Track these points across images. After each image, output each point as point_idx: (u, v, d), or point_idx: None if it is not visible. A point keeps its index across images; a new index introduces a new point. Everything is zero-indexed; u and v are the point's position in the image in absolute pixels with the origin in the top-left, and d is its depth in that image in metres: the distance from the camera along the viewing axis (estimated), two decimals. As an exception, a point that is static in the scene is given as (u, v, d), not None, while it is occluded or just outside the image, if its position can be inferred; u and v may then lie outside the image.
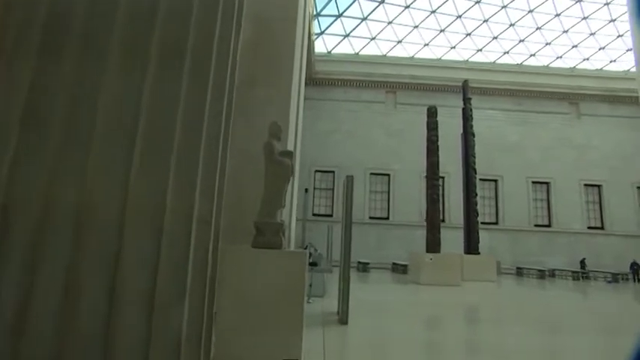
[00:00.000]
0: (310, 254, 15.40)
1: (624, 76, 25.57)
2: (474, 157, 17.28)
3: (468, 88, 18.08)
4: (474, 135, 17.55)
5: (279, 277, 3.36)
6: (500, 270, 18.83)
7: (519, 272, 20.44)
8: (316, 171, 24.14)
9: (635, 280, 20.37)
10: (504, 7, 23.38)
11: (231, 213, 5.59)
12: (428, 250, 14.11)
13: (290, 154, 3.83)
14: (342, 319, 6.02)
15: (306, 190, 20.79)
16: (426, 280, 13.09)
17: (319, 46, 24.90)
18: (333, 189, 23.89)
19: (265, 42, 5.77)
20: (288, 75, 5.80)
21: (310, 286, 8.33)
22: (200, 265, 1.63)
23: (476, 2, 23.24)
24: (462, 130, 18.47)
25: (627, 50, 25.32)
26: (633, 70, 25.66)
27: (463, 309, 9.15)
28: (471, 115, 17.75)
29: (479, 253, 16.48)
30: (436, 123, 15.10)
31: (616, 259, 22.54)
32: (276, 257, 3.43)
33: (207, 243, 1.67)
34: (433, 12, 23.81)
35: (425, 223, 22.22)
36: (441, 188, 17.86)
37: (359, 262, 19.15)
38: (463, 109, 18.00)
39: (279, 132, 3.88)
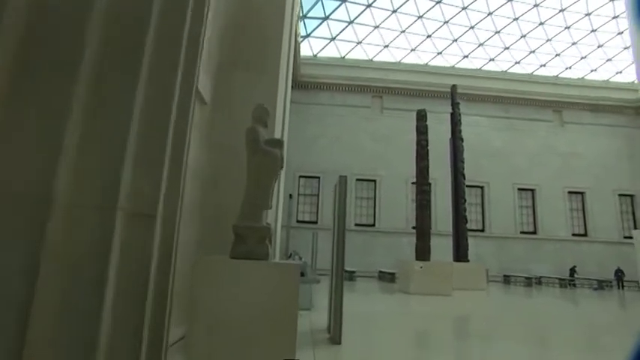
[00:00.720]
0: (295, 263, 14.70)
1: (605, 85, 26.02)
2: (463, 162, 16.93)
3: (456, 93, 17.80)
4: (462, 140, 17.22)
5: (266, 295, 2.65)
6: (488, 278, 18.47)
7: (506, 280, 20.16)
8: (301, 176, 23.45)
9: (619, 287, 20.37)
10: (490, 14, 23.43)
11: (210, 218, 4.86)
12: (417, 258, 13.54)
13: (279, 143, 3.14)
14: (335, 337, 5.31)
15: (291, 195, 20.05)
16: (416, 289, 12.49)
17: (305, 50, 24.39)
18: (318, 195, 23.21)
19: (251, 22, 5.08)
20: (276, 57, 5.12)
21: (296, 298, 7.60)
22: (129, 273, 0.95)
23: (463, 9, 23.20)
24: (448, 136, 18.16)
25: (607, 60, 25.81)
26: (613, 79, 26.19)
27: (462, 322, 8.56)
28: (460, 120, 17.45)
29: (468, 261, 16.03)
30: (426, 127, 14.67)
31: (600, 266, 22.60)
32: (262, 271, 2.72)
33: (146, 244, 0.98)
34: (420, 17, 23.67)
35: (412, 230, 21.90)
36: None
37: (345, 271, 18.43)
38: (452, 113, 17.69)
39: (265, 116, 3.19)
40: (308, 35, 24.32)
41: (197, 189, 4.45)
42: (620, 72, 26.18)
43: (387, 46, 24.93)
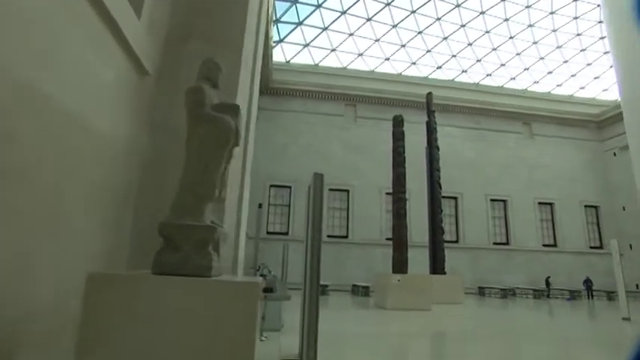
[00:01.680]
0: (264, 276, 13.51)
1: (569, 100, 26.81)
2: (439, 171, 16.52)
3: (432, 101, 17.50)
4: (438, 149, 16.85)
5: (207, 330, 1.69)
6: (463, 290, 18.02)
7: (481, 292, 19.79)
8: (271, 186, 22.40)
9: (588, 297, 20.48)
10: (463, 26, 23.65)
11: (148, 215, 3.81)
12: (394, 271, 12.78)
13: (233, 109, 2.21)
14: (308, 368, 4.34)
15: (260, 205, 18.93)
16: (393, 304, 11.70)
17: (278, 55, 23.64)
18: (289, 205, 22.21)
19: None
20: (239, 28, 4.21)
21: (263, 318, 6.59)
22: None
23: (436, 19, 23.29)
24: (423, 146, 17.80)
25: (571, 76, 26.65)
26: (577, 95, 27.04)
27: (449, 342, 7.78)
28: (435, 128, 17.11)
29: (445, 273, 15.47)
30: (402, 133, 14.12)
31: (569, 276, 22.79)
32: (202, 293, 1.75)
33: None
34: (394, 26, 23.54)
35: (386, 242, 21.28)
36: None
37: (317, 285, 17.45)
38: (427, 122, 17.34)
39: (215, 72, 2.28)
40: (281, 40, 23.62)
41: (131, 175, 3.43)
42: (583, 87, 27.10)
43: (361, 55, 24.61)
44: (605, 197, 25.23)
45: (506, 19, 23.51)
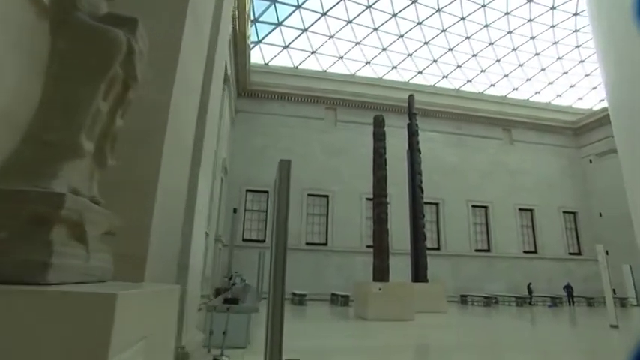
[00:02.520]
0: (234, 285, 12.54)
1: (547, 107, 27.06)
2: (421, 175, 16.01)
3: (414, 103, 17.06)
4: (420, 152, 16.36)
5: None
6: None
7: (463, 300, 19.29)
8: (248, 190, 21.44)
9: (569, 303, 20.27)
10: (444, 31, 23.54)
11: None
12: (375, 279, 12.06)
13: (130, 24, 1.41)
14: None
15: (235, 210, 17.96)
16: (374, 314, 10.94)
17: (256, 57, 22.91)
18: (266, 211, 21.27)
19: None
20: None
21: (224, 333, 5.69)
22: None
23: (418, 23, 23.10)
24: (403, 151, 17.31)
25: (548, 83, 26.93)
26: (554, 102, 27.31)
27: (435, 355, 7.07)
28: (417, 131, 16.65)
29: (427, 281, 14.85)
30: (384, 134, 13.54)
31: (549, 282, 22.64)
32: (23, 311, 0.94)
33: None
34: (375, 29, 23.22)
35: (366, 249, 20.57)
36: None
37: (294, 294, 16.59)
38: (409, 124, 16.87)
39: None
40: (260, 41, 22.91)
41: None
42: (560, 95, 27.45)
43: (341, 58, 24.15)
44: (583, 203, 25.38)
45: (487, 25, 23.56)
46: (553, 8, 22.89)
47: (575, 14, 23.19)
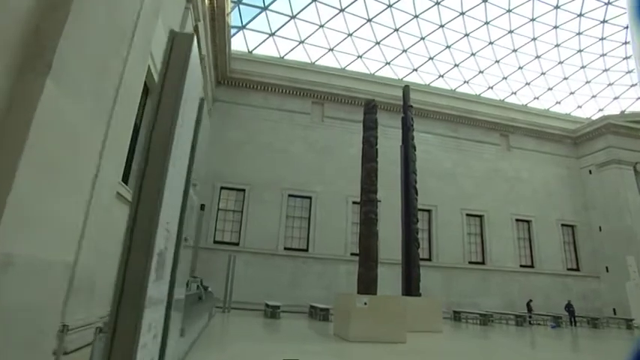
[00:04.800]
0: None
1: (546, 113, 25.72)
2: (416, 174, 14.13)
3: (409, 94, 15.28)
4: (415, 148, 14.52)
5: None
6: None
7: (457, 317, 17.33)
8: (222, 188, 19.27)
9: (572, 323, 18.52)
10: (442, 26, 22.03)
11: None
12: (360, 291, 10.01)
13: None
14: None
15: (203, 206, 15.74)
16: (357, 334, 8.89)
17: (239, 44, 21.00)
18: (242, 211, 19.12)
19: None
20: None
21: None
22: None
23: (414, 17, 21.53)
24: (394, 153, 15.40)
25: (548, 89, 25.65)
26: (553, 109, 26.01)
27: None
28: (412, 126, 14.83)
29: (420, 295, 12.87)
30: (375, 121, 11.62)
31: (546, 299, 20.95)
32: None
33: None
34: (369, 20, 21.55)
35: (351, 257, 18.51)
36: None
37: (267, 306, 14.39)
38: (403, 117, 15.06)
39: None
40: (243, 27, 20.97)
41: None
42: (559, 102, 26.18)
43: (331, 50, 22.37)
44: (581, 216, 23.92)
45: (487, 23, 22.13)
46: (557, 7, 21.61)
47: (580, 15, 21.97)
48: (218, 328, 10.23)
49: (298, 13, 20.84)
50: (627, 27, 22.19)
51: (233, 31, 20.35)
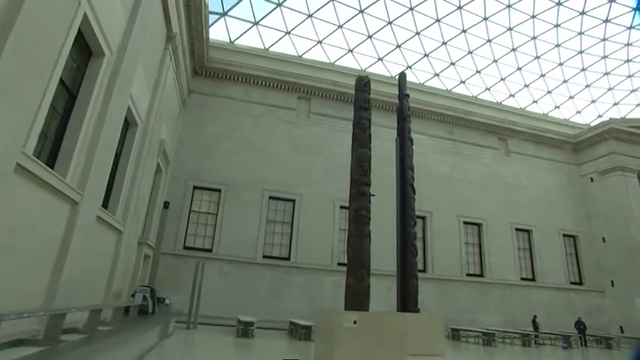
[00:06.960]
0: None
1: (544, 118, 24.46)
2: (413, 170, 12.36)
3: (405, 83, 13.63)
4: (412, 141, 12.77)
5: None
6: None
7: (455, 335, 15.41)
8: (196, 187, 17.21)
9: (582, 343, 16.76)
10: (438, 20, 20.64)
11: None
12: (349, 307, 8.04)
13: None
14: None
15: (167, 204, 13.63)
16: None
17: (220, 32, 19.23)
18: (217, 213, 17.05)
19: None
20: None
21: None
22: None
23: (410, 9, 20.11)
24: (390, 153, 13.71)
25: (547, 92, 24.45)
26: (552, 114, 24.77)
27: None
28: (409, 117, 13.13)
29: (418, 310, 10.94)
30: (368, 100, 9.88)
31: (549, 315, 19.24)
32: None
33: None
34: (361, 12, 20.05)
35: (338, 267, 16.56)
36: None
37: (239, 322, 12.24)
38: (399, 108, 13.35)
39: None
40: (225, 13, 19.20)
41: None
42: (558, 107, 24.98)
43: (320, 42, 20.74)
44: (584, 226, 22.45)
45: (485, 19, 20.85)
46: (559, 4, 20.47)
47: (582, 13, 20.86)
48: (167, 352, 8.10)
49: (284, 0, 19.23)
50: (630, 27, 21.18)
51: (214, 17, 18.63)
